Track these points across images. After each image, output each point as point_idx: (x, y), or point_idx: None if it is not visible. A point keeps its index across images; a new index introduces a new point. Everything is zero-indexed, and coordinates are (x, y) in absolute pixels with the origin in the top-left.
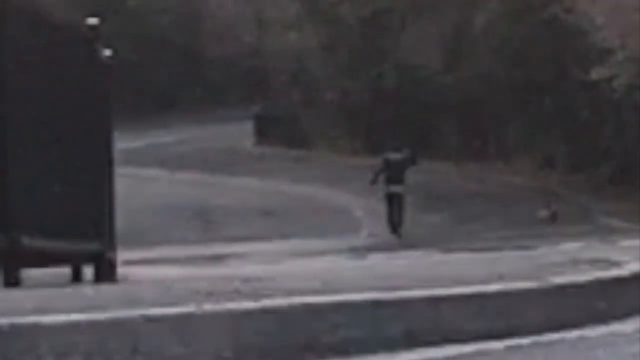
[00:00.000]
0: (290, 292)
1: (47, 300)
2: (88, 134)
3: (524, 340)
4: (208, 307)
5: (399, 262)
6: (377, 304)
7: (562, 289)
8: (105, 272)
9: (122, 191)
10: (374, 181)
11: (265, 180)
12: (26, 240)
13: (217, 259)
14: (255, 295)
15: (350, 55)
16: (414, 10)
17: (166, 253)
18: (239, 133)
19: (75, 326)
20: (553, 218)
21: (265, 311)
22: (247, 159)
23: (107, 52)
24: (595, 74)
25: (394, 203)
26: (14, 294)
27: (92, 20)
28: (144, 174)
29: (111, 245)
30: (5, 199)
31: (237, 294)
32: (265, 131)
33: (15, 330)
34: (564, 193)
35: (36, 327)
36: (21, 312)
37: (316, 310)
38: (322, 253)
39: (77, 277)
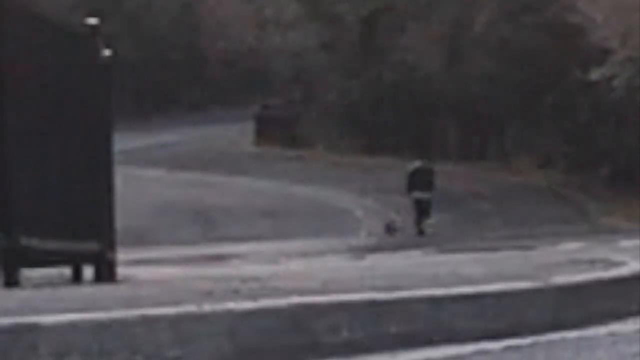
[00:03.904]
0: (290, 292)
1: (47, 300)
2: (88, 134)
3: (524, 340)
4: (208, 307)
5: (398, 262)
6: (377, 304)
7: (562, 289)
8: (105, 272)
9: (122, 191)
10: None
11: (265, 180)
12: (26, 240)
13: (217, 259)
14: (255, 295)
15: (350, 55)
16: (414, 9)
17: (166, 253)
18: (239, 133)
19: (75, 326)
20: (390, 229)
21: (265, 311)
22: (247, 159)
23: (107, 52)
24: (595, 74)
25: (421, 208)
26: (14, 294)
27: (92, 20)
28: (144, 174)
29: (111, 245)
30: (5, 199)
31: (237, 294)
32: (265, 131)
33: (15, 330)
34: (563, 193)
35: (36, 327)
36: (21, 312)
37: (316, 311)
38: (322, 253)
39: (77, 277)
